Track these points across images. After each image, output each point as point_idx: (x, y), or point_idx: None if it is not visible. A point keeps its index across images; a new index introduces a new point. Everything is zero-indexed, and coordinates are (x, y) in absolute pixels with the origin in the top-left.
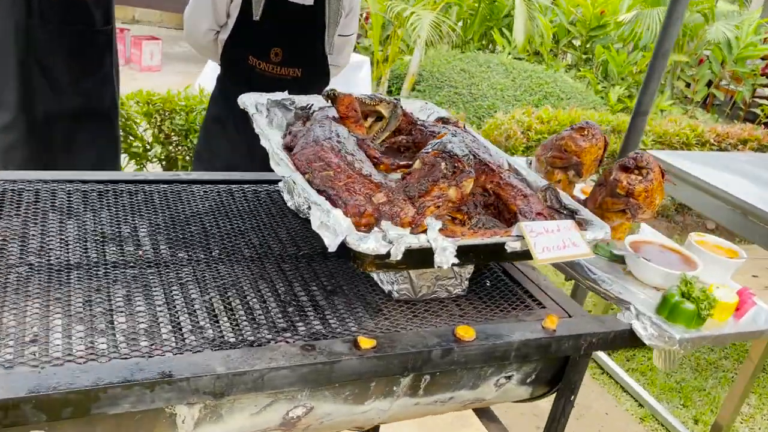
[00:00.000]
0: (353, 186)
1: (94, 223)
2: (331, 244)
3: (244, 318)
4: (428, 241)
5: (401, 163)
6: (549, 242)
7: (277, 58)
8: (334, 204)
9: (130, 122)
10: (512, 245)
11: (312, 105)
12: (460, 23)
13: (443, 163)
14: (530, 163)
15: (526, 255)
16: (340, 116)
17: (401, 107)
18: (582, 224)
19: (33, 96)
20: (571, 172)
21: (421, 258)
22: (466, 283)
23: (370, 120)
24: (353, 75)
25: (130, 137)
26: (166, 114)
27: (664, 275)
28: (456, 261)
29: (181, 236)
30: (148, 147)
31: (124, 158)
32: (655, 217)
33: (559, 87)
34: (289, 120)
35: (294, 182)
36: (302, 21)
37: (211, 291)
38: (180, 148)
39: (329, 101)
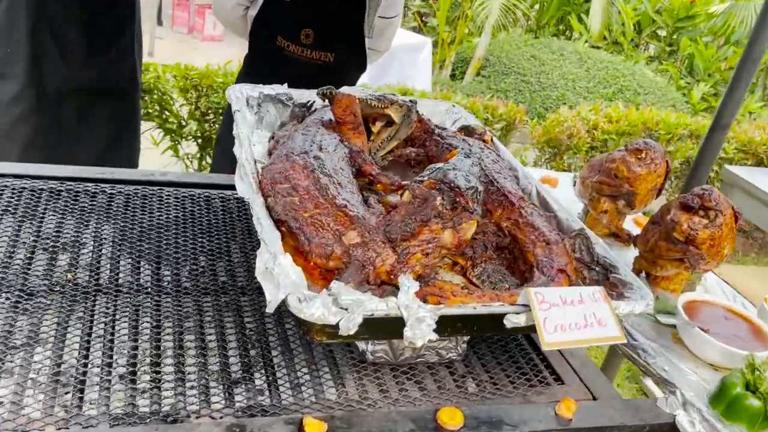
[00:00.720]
0: (321, 219)
1: (31, 232)
2: (271, 301)
3: (170, 376)
4: (399, 308)
5: (404, 183)
6: (565, 318)
7: (308, 39)
8: (296, 240)
9: (167, 96)
10: (514, 319)
11: (313, 103)
12: (536, 7)
13: (439, 198)
14: (575, 183)
15: (531, 331)
16: (336, 120)
17: (416, 111)
18: (617, 287)
19: (43, 67)
20: (620, 202)
21: (388, 329)
22: (464, 346)
23: (379, 124)
24: (412, 57)
25: (166, 112)
26: (203, 90)
27: (724, 353)
28: (434, 336)
29: (128, 255)
30: (184, 123)
31: (158, 134)
32: None
33: (636, 80)
34: (284, 119)
35: (252, 207)
36: (342, 1)
37: (142, 332)
38: (216, 126)
39: (325, 101)
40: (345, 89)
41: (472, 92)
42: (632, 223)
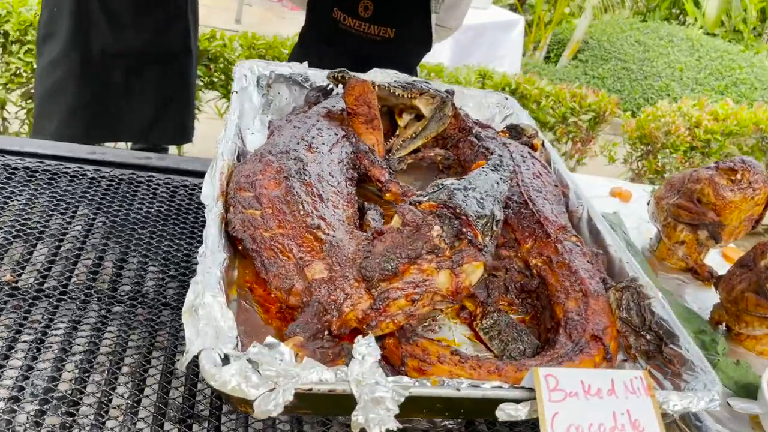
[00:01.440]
0: (283, 242)
1: None
2: (186, 354)
3: None
4: (348, 383)
5: (419, 193)
6: (585, 415)
7: (367, 12)
8: (254, 263)
9: (232, 66)
10: (511, 411)
11: (332, 87)
12: None
13: (437, 227)
14: (648, 203)
15: (534, 427)
16: (347, 111)
17: (452, 104)
18: (672, 364)
19: (87, 28)
20: (703, 233)
21: (334, 407)
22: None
23: (407, 117)
24: (503, 36)
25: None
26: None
27: None
28: (394, 425)
29: (89, 253)
30: None
31: (222, 103)
32: None
33: (755, 73)
34: (300, 103)
35: (207, 218)
36: None
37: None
38: None
39: (337, 86)
40: (373, 72)
41: (566, 77)
42: (719, 256)
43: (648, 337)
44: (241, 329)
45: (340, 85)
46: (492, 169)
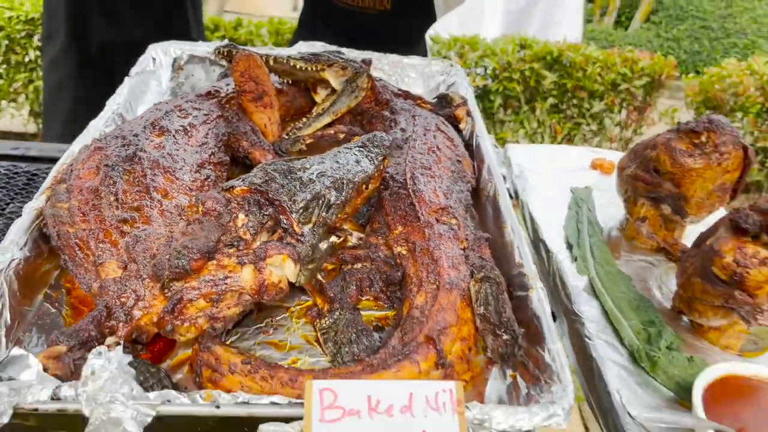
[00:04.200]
0: (84, 237)
1: None
2: None
3: None
4: (80, 397)
5: (241, 177)
6: None
7: None
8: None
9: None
10: (271, 430)
11: None
12: None
13: (241, 215)
14: None
15: None
16: (236, 90)
17: (368, 75)
18: (527, 371)
19: (86, 24)
20: (667, 208)
21: (64, 425)
22: None
23: (323, 93)
24: (559, 1)
25: None
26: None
27: None
28: None
29: None
30: None
31: None
32: None
33: None
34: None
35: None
36: None
37: None
38: None
39: (223, 60)
40: (299, 45)
41: (636, 41)
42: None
43: (505, 337)
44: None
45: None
46: (360, 146)
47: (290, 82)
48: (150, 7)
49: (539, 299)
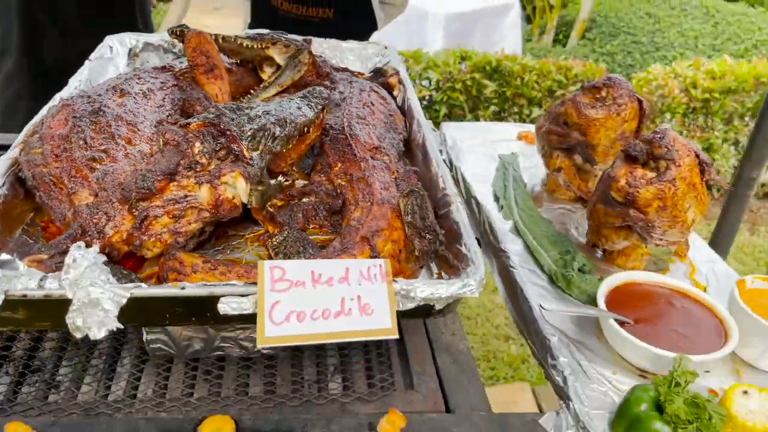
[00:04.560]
0: (60, 175)
1: None
2: None
3: None
4: (63, 282)
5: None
6: (311, 302)
7: None
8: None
9: None
10: (232, 304)
11: None
12: None
13: (198, 143)
14: None
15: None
16: (189, 64)
17: (309, 52)
18: (446, 263)
19: (38, 40)
20: (578, 158)
21: (49, 313)
22: None
23: (269, 70)
24: (497, 21)
25: None
26: None
27: (648, 355)
28: (114, 325)
29: None
30: None
31: None
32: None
33: None
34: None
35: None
36: None
37: None
38: None
39: (176, 40)
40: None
41: (575, 57)
42: None
43: (429, 237)
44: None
45: None
46: (301, 97)
47: (239, 62)
48: (101, 22)
49: (458, 209)
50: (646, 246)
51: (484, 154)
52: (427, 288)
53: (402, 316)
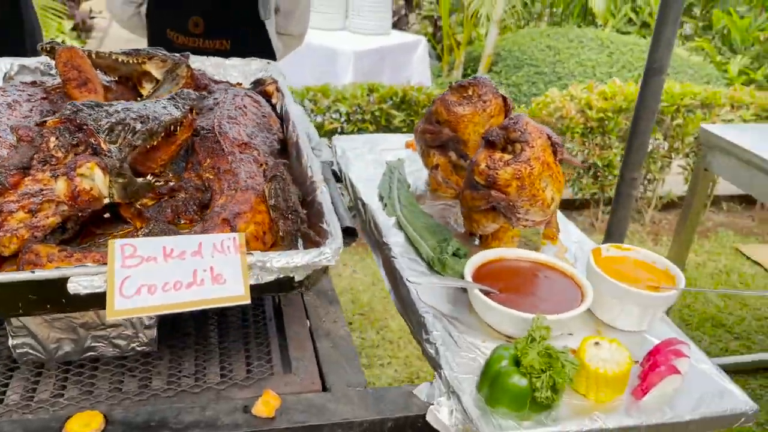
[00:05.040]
0: None
1: None
2: None
3: None
4: None
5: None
6: (162, 275)
7: (198, 28)
8: None
9: None
10: (83, 281)
11: None
12: None
13: (53, 138)
14: None
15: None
16: (61, 79)
17: (186, 66)
18: (310, 239)
19: None
20: (453, 154)
21: None
22: (151, 332)
23: (148, 86)
24: (405, 57)
25: None
26: None
27: (511, 319)
28: None
29: None
30: None
31: None
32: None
33: None
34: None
35: None
36: None
37: None
38: None
39: (48, 56)
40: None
41: None
42: None
43: (291, 217)
44: None
45: None
46: (169, 98)
47: (117, 79)
48: None
49: (322, 193)
50: (514, 227)
51: (373, 162)
52: (283, 258)
53: (264, 290)
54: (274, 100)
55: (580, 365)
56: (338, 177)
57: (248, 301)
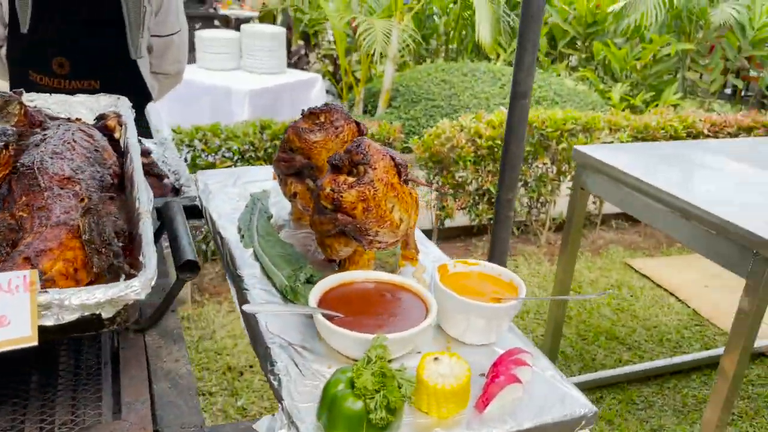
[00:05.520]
0: None
1: None
2: None
3: None
4: None
5: None
6: None
7: (63, 69)
8: None
9: None
10: None
11: None
12: (447, 31)
13: None
14: None
15: None
16: None
17: (19, 103)
18: (124, 272)
19: None
20: (310, 181)
21: None
22: None
23: None
24: (302, 95)
25: None
26: None
27: (355, 343)
28: None
29: None
30: None
31: None
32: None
33: (553, 90)
34: None
35: None
36: (92, 22)
37: None
38: None
39: None
40: None
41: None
42: None
43: (104, 251)
44: None
45: None
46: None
47: None
48: None
49: (144, 223)
50: (366, 249)
51: (237, 195)
52: (83, 294)
53: (67, 331)
54: (116, 134)
55: (419, 382)
56: (199, 212)
57: (35, 343)
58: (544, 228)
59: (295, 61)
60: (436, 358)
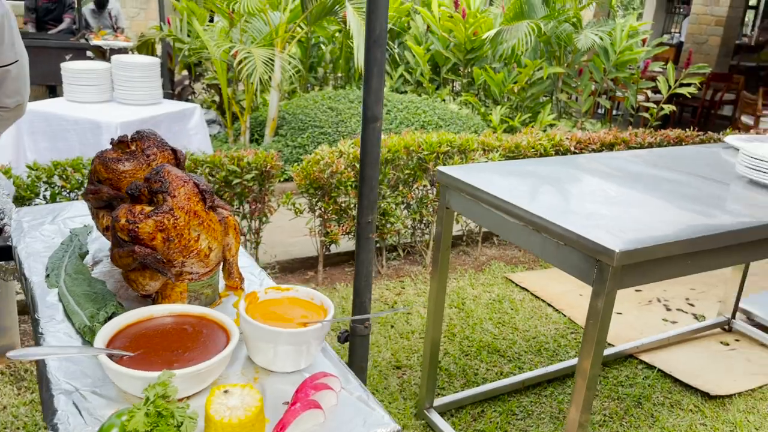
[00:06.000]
0: None
1: None
2: None
3: None
4: None
5: None
6: None
7: None
8: None
9: None
10: None
11: None
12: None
13: None
14: None
15: None
16: None
17: None
18: None
19: None
20: None
21: None
22: None
23: None
24: (180, 125)
25: None
26: None
27: (143, 381)
28: None
29: None
30: None
31: None
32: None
33: (437, 114)
34: None
35: None
36: None
37: None
38: None
39: None
40: None
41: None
42: None
43: None
44: None
45: None
46: None
47: None
48: None
49: None
50: (174, 282)
51: (54, 232)
52: None
53: None
54: None
55: (207, 418)
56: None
57: None
58: (428, 248)
59: (179, 92)
60: (226, 391)
